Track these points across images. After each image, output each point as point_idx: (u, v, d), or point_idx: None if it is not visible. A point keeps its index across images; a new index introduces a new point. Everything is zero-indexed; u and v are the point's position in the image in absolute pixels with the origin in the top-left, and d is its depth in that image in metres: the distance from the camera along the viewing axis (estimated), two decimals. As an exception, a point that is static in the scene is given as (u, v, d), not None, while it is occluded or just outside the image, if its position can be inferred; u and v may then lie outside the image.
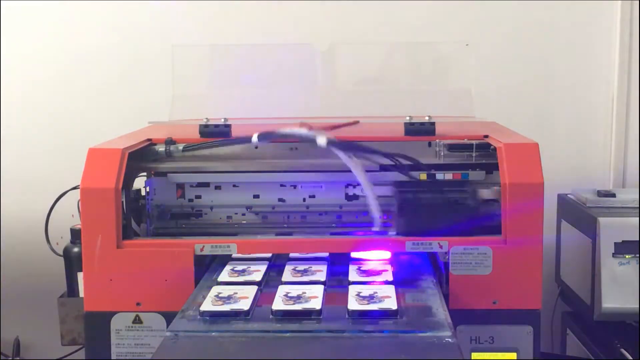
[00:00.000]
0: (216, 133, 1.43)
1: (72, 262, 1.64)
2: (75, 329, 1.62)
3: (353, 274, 1.25)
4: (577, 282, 1.69)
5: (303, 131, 1.32)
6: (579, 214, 1.67)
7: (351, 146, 1.30)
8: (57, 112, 2.02)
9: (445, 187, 1.33)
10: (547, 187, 1.26)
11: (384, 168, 1.37)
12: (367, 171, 1.33)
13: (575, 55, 2.00)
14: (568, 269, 1.77)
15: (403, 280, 1.23)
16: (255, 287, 1.20)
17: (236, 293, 1.16)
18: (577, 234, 1.67)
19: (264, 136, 1.34)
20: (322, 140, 1.28)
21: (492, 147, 1.37)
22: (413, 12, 1.97)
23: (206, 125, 1.44)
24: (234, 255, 1.34)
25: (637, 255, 1.55)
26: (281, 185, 1.44)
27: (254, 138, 1.34)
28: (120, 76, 2.01)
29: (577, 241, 1.67)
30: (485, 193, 1.34)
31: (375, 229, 1.33)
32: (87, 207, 1.28)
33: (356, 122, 1.35)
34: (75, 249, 1.63)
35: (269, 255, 1.35)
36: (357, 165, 1.29)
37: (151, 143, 1.43)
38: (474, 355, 1.27)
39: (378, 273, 1.25)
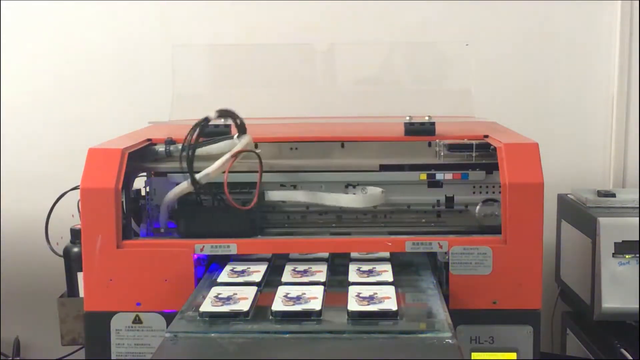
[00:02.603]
0: (216, 133, 1.43)
1: (72, 262, 1.64)
2: (75, 329, 1.62)
3: (353, 275, 1.25)
4: (577, 282, 1.69)
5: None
6: (579, 214, 1.67)
7: None
8: (57, 112, 2.02)
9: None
10: (547, 187, 1.26)
11: (384, 168, 1.38)
12: (369, 171, 1.34)
13: (575, 55, 2.00)
14: (568, 269, 1.77)
15: None
16: (254, 288, 1.20)
17: (236, 294, 1.16)
18: (577, 234, 1.67)
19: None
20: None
21: (492, 147, 1.36)
22: (413, 12, 1.97)
23: (206, 125, 1.44)
24: (234, 255, 1.34)
25: (637, 255, 1.55)
26: (281, 185, 1.44)
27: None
28: (120, 76, 2.01)
29: (577, 241, 1.67)
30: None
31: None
32: (87, 207, 1.28)
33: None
34: (75, 249, 1.63)
35: (268, 255, 1.35)
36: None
37: (151, 143, 1.43)
38: (474, 355, 1.27)
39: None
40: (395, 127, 1.46)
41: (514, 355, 1.27)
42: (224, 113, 1.33)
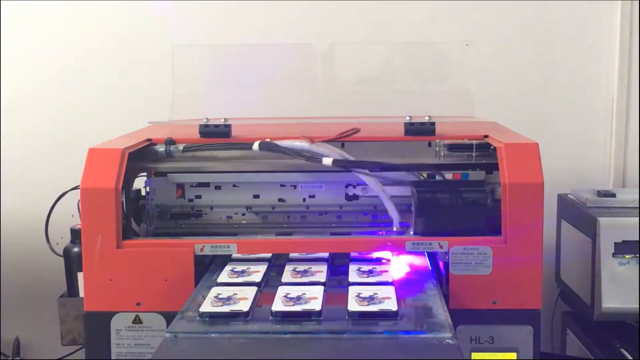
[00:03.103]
0: (216, 133, 1.43)
1: (72, 262, 1.64)
2: (75, 329, 1.62)
3: (353, 275, 1.25)
4: (577, 282, 1.69)
5: (305, 145, 1.33)
6: (579, 214, 1.67)
7: (355, 165, 1.33)
8: (57, 112, 2.02)
9: (463, 186, 1.33)
10: (547, 187, 1.26)
11: (384, 168, 1.38)
12: (373, 171, 1.35)
13: (575, 55, 2.00)
14: (568, 269, 1.77)
15: None
16: (254, 288, 1.19)
17: (236, 294, 1.16)
18: (577, 234, 1.67)
19: (266, 146, 1.35)
20: (327, 161, 1.30)
21: (492, 147, 1.36)
22: (413, 12, 1.97)
23: (206, 125, 1.44)
24: (234, 255, 1.34)
25: (637, 255, 1.55)
26: (281, 185, 1.44)
27: (255, 146, 1.35)
28: (120, 76, 2.01)
29: (577, 241, 1.67)
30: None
31: (395, 229, 1.34)
32: (87, 207, 1.28)
33: (357, 130, 1.36)
34: (75, 249, 1.63)
35: (268, 255, 1.35)
36: (369, 177, 1.32)
37: (151, 143, 1.43)
38: (474, 355, 1.27)
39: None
40: (395, 127, 1.46)
41: (514, 355, 1.27)
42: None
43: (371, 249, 1.32)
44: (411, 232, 1.34)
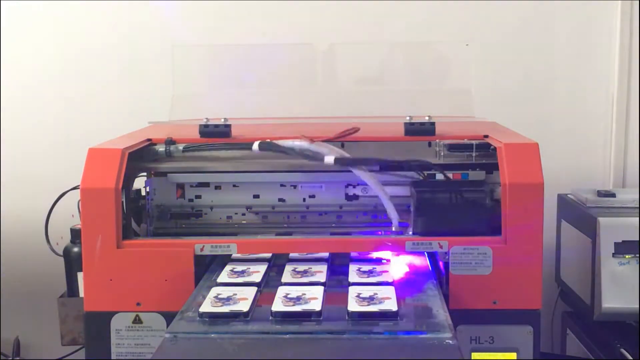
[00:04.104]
0: (216, 133, 1.43)
1: (72, 262, 1.64)
2: (75, 329, 1.62)
3: (353, 275, 1.25)
4: (577, 282, 1.69)
5: (305, 145, 1.33)
6: (579, 214, 1.67)
7: (357, 162, 1.32)
8: (57, 112, 2.02)
9: (462, 186, 1.33)
10: (547, 187, 1.26)
11: (384, 168, 1.38)
12: (372, 171, 1.35)
13: (575, 55, 2.00)
14: (568, 269, 1.77)
15: None
16: (254, 288, 1.19)
17: (236, 294, 1.16)
18: (577, 234, 1.67)
19: (265, 146, 1.35)
20: (329, 160, 1.30)
21: (492, 147, 1.36)
22: (413, 12, 1.97)
23: (206, 125, 1.44)
24: (234, 255, 1.34)
25: (637, 255, 1.55)
26: (281, 185, 1.44)
27: (255, 147, 1.35)
28: (120, 76, 2.01)
29: (577, 241, 1.67)
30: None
31: (394, 229, 1.34)
32: (87, 207, 1.28)
33: (357, 130, 1.36)
34: (75, 249, 1.63)
35: (268, 255, 1.35)
36: (369, 176, 1.31)
37: (151, 143, 1.43)
38: (474, 355, 1.27)
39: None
40: (395, 127, 1.46)
41: (514, 355, 1.27)
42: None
43: (371, 249, 1.32)
44: (410, 232, 1.34)
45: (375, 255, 1.34)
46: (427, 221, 1.30)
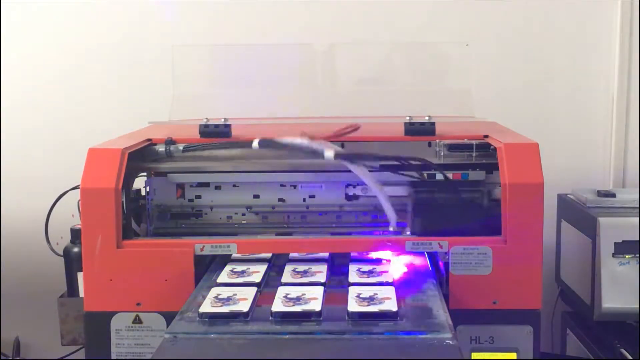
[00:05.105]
0: (216, 133, 1.43)
1: (72, 262, 1.64)
2: (75, 329, 1.62)
3: (353, 275, 1.25)
4: (577, 282, 1.69)
5: (305, 142, 1.32)
6: (579, 214, 1.67)
7: (358, 157, 1.31)
8: (57, 112, 2.02)
9: (460, 187, 1.33)
10: (547, 187, 1.26)
11: (384, 168, 1.38)
12: (371, 171, 1.35)
13: (575, 55, 2.00)
14: (568, 269, 1.77)
15: None
16: (254, 289, 1.19)
17: (235, 294, 1.16)
18: (577, 234, 1.67)
19: (265, 143, 1.34)
20: (329, 154, 1.29)
21: (492, 147, 1.36)
22: (413, 12, 1.97)
23: (206, 125, 1.44)
24: (234, 255, 1.34)
25: (637, 255, 1.55)
26: (281, 185, 1.44)
27: (255, 144, 1.35)
28: (120, 76, 2.01)
29: (577, 241, 1.67)
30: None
31: (391, 229, 1.34)
32: (87, 207, 1.28)
33: (357, 128, 1.36)
34: (75, 249, 1.63)
35: (268, 255, 1.35)
36: (367, 174, 1.31)
37: (151, 143, 1.43)
38: (474, 355, 1.27)
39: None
40: (395, 127, 1.46)
41: (514, 355, 1.27)
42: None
43: (371, 249, 1.32)
44: (408, 232, 1.34)
45: (375, 255, 1.33)
46: (425, 221, 1.30)
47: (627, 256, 1.55)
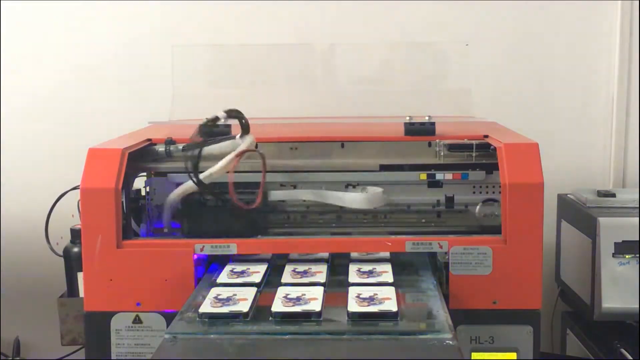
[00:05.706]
0: (216, 133, 1.43)
1: (72, 262, 1.64)
2: (75, 329, 1.62)
3: (353, 275, 1.25)
4: (577, 282, 1.69)
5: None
6: (579, 214, 1.67)
7: None
8: (57, 112, 2.02)
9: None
10: (547, 187, 1.26)
11: (384, 168, 1.38)
12: (369, 171, 1.35)
13: (575, 55, 2.00)
14: (568, 269, 1.77)
15: None
16: (254, 289, 1.19)
17: (235, 295, 1.16)
18: (577, 234, 1.67)
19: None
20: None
21: (492, 147, 1.36)
22: (413, 12, 1.97)
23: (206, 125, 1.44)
24: (234, 255, 1.34)
25: (637, 255, 1.55)
26: (281, 185, 1.44)
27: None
28: (120, 76, 2.01)
29: (577, 241, 1.67)
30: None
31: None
32: (87, 207, 1.28)
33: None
34: (75, 249, 1.63)
35: (268, 256, 1.35)
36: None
37: (151, 143, 1.43)
38: (474, 355, 1.27)
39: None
40: (395, 127, 1.46)
41: (514, 355, 1.27)
42: (231, 113, 1.33)
43: (371, 249, 1.32)
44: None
45: (375, 255, 1.34)
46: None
47: (627, 256, 1.55)
